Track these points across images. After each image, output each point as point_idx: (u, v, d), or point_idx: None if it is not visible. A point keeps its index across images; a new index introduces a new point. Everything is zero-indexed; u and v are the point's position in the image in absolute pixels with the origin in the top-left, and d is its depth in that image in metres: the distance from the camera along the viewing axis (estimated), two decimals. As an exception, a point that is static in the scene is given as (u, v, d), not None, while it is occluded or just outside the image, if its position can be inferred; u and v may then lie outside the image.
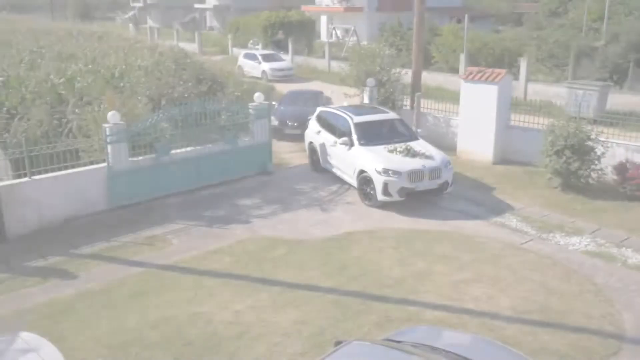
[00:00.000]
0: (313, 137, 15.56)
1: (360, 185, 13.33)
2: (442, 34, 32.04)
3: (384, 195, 12.64)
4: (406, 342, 6.07)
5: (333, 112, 15.29)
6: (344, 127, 14.36)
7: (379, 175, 12.64)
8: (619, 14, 32.94)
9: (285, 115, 19.25)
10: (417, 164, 12.80)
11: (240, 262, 10.46)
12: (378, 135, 14.12)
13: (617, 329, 8.26)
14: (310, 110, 18.99)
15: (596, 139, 13.52)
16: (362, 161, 13.25)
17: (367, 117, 14.60)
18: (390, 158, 12.99)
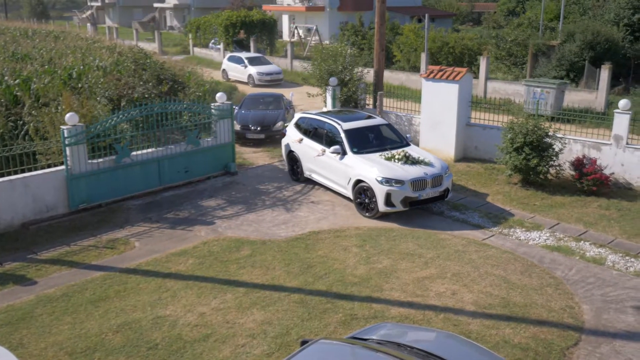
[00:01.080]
0: (294, 145, 14.65)
1: (356, 196, 12.62)
2: (403, 33, 32.35)
3: (386, 206, 11.99)
4: (372, 340, 6.11)
5: (316, 118, 14.41)
6: (331, 134, 13.64)
7: (380, 185, 11.95)
8: (574, 13, 33.80)
9: (247, 119, 18.60)
10: (419, 171, 12.26)
11: (204, 263, 10.36)
12: (370, 142, 13.53)
13: (577, 321, 8.48)
14: (272, 114, 18.86)
15: (554, 135, 13.84)
16: (358, 170, 12.52)
17: (356, 123, 13.83)
18: (389, 166, 12.35)
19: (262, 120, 18.43)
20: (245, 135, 18.27)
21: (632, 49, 26.54)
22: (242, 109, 19.31)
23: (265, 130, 18.27)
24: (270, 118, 18.62)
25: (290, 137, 14.93)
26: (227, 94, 17.52)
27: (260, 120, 18.47)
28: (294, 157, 14.72)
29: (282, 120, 18.46)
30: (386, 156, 12.75)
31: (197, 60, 36.65)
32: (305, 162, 14.29)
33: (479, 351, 6.35)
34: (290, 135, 14.94)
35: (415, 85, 26.21)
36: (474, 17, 62.23)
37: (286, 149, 15.08)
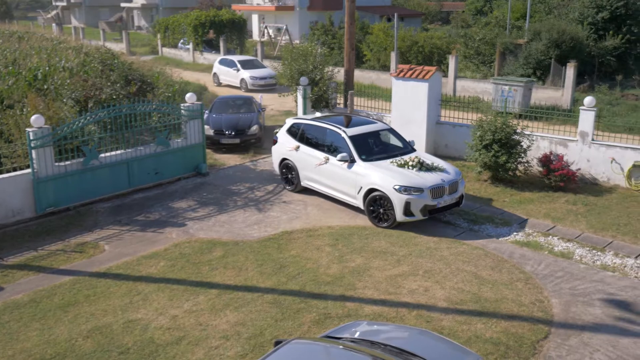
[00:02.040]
0: (289, 153, 13.81)
1: (369, 206, 11.97)
2: (373, 33, 32.51)
3: (405, 216, 11.45)
4: (346, 338, 6.13)
5: (315, 124, 13.60)
6: (334, 141, 12.95)
7: (398, 194, 11.39)
8: (540, 12, 34.36)
9: (221, 123, 17.78)
10: (436, 178, 11.79)
11: (176, 265, 10.26)
12: (377, 149, 12.96)
13: (546, 315, 8.62)
14: (246, 117, 18.21)
15: (522, 132, 14.05)
16: (371, 179, 11.87)
17: (360, 128, 13.14)
18: (405, 174, 11.79)
19: (236, 125, 17.73)
20: (220, 140, 17.51)
21: (596, 47, 27.11)
22: (212, 113, 18.52)
23: (240, 134, 17.57)
24: (244, 122, 18.03)
25: (283, 144, 14.08)
26: (197, 95, 17.39)
27: (234, 124, 17.76)
28: (289, 166, 13.90)
29: (256, 124, 17.87)
30: (398, 163, 12.20)
31: (166, 61, 36.33)
32: (304, 170, 13.51)
33: (452, 347, 6.42)
34: (284, 142, 14.08)
35: (385, 84, 26.37)
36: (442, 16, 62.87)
37: (279, 157, 14.20)
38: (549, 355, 7.69)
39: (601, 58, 27.20)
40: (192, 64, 38.21)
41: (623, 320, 8.46)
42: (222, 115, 18.35)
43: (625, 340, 7.99)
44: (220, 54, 37.11)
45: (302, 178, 13.65)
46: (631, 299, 9.03)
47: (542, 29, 26.82)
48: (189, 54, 39.78)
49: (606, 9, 28.23)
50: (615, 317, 8.56)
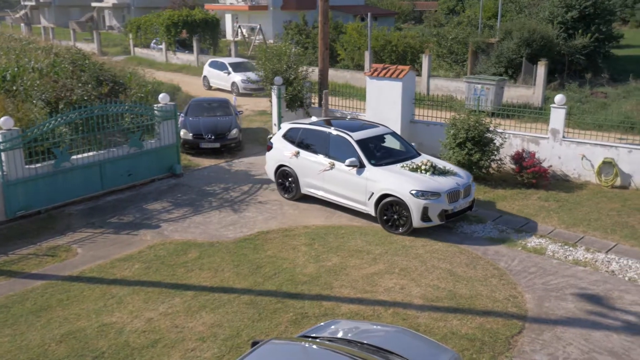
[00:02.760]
0: (287, 160, 13.26)
1: (381, 212, 11.61)
2: (346, 32, 32.59)
3: (422, 221, 11.16)
4: (323, 337, 6.13)
5: (315, 129, 13.11)
6: (339, 146, 12.49)
7: (416, 199, 11.07)
8: (511, 11, 34.85)
9: (199, 127, 17.25)
10: (451, 182, 11.53)
11: (151, 268, 10.15)
12: (384, 153, 12.61)
13: (520, 310, 8.74)
14: (225, 120, 17.71)
15: (495, 130, 14.21)
16: (384, 184, 11.51)
17: (366, 132, 12.75)
18: (420, 178, 11.50)
19: (215, 129, 17.22)
20: (200, 144, 17.03)
21: (566, 46, 27.54)
22: (189, 116, 17.96)
23: (221, 138, 17.09)
24: (223, 125, 17.45)
25: (279, 150, 13.48)
26: (170, 95, 17.23)
27: (213, 128, 17.25)
28: (287, 173, 13.34)
29: (236, 128, 17.50)
30: (410, 167, 11.87)
31: (139, 61, 35.96)
32: (305, 177, 12.99)
33: (428, 343, 6.47)
34: (280, 148, 13.49)
35: (359, 83, 26.45)
36: (415, 15, 63.31)
37: (275, 164, 13.61)
38: (523, 349, 7.79)
39: (571, 57, 27.66)
40: (165, 64, 37.87)
41: (595, 314, 8.62)
42: (199, 118, 17.82)
43: (597, 333, 8.14)
44: (193, 54, 36.87)
45: (303, 185, 13.10)
46: (602, 293, 9.20)
47: (513, 28, 27.18)
48: (161, 54, 39.41)
49: (575, 8, 28.70)
50: (587, 311, 8.71)
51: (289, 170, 13.29)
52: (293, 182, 13.29)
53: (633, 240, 11.12)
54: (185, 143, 16.90)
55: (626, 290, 9.30)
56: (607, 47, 30.42)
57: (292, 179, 13.30)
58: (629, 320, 8.45)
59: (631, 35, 46.13)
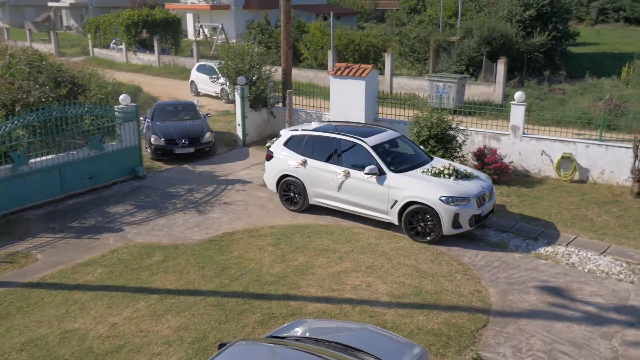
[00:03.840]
0: (292, 169, 12.50)
1: (406, 221, 11.12)
2: (309, 31, 32.59)
3: (453, 228, 10.77)
4: (290, 337, 6.13)
5: (323, 135, 12.39)
6: (352, 153, 11.89)
7: (446, 206, 10.64)
8: (471, 10, 35.37)
9: (170, 132, 16.52)
10: (477, 186, 11.17)
11: (114, 272, 9.97)
12: (400, 158, 12.05)
13: (484, 304, 8.88)
14: (196, 124, 17.15)
15: (457, 128, 14.41)
16: (409, 191, 11.00)
17: (378, 137, 12.13)
18: (447, 183, 11.04)
19: (188, 133, 16.58)
20: (173, 150, 16.29)
21: (525, 44, 28.10)
22: (155, 121, 17.18)
23: (195, 143, 16.45)
24: (196, 129, 16.86)
25: (282, 159, 12.74)
26: (132, 96, 16.96)
27: (186, 133, 16.59)
28: (293, 183, 12.60)
29: (209, 131, 16.96)
30: (433, 172, 11.37)
31: (98, 62, 35.28)
32: (315, 187, 12.28)
33: (395, 340, 6.52)
34: (282, 157, 12.75)
35: (323, 82, 26.49)
36: (377, 14, 63.71)
37: (277, 174, 12.83)
38: (488, 342, 7.92)
39: (529, 54, 28.23)
40: (126, 64, 37.27)
41: (556, 306, 8.82)
42: (167, 122, 17.14)
43: (558, 324, 8.33)
44: (154, 54, 36.37)
45: (312, 196, 12.40)
46: (563, 285, 9.42)
47: (473, 26, 27.59)
48: (122, 55, 38.77)
49: (533, 7, 29.31)
50: (549, 303, 8.90)
51: (295, 180, 12.52)
52: (299, 192, 12.53)
53: (591, 233, 11.41)
54: (158, 149, 16.25)
55: (585, 282, 9.54)
56: (564, 45, 31.15)
57: (298, 189, 12.54)
58: (589, 311, 8.67)
59: (587, 33, 47.39)
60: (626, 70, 26.65)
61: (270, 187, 13.18)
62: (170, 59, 36.06)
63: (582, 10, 60.06)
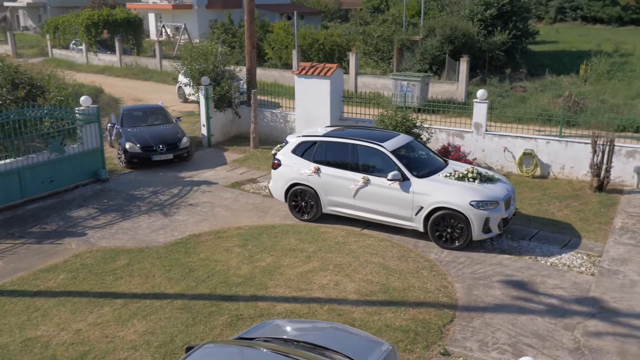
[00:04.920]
0: (304, 177, 11.90)
1: (432, 227, 10.79)
2: (273, 31, 32.51)
3: (483, 233, 10.53)
4: (259, 338, 6.09)
5: (336, 141, 11.84)
6: (370, 159, 11.45)
7: (477, 210, 10.37)
8: (433, 9, 35.76)
9: (146, 138, 15.75)
10: (502, 189, 10.96)
11: (77, 277, 9.77)
12: (420, 163, 11.67)
13: (451, 300, 8.99)
14: (170, 129, 16.45)
15: (421, 126, 14.55)
16: (436, 197, 10.65)
17: (395, 141, 11.66)
18: (475, 187, 10.76)
19: (164, 139, 15.86)
20: (152, 157, 15.53)
21: (486, 43, 28.55)
22: (126, 127, 16.34)
23: (172, 149, 15.73)
24: (172, 135, 16.17)
25: (291, 167, 12.10)
26: (93, 98, 16.65)
27: (162, 138, 15.87)
28: (304, 192, 12.00)
29: (185, 136, 16.28)
30: (456, 176, 11.04)
31: (57, 63, 34.53)
32: (330, 195, 11.74)
33: (364, 338, 6.55)
34: (291, 164, 12.11)
35: (288, 82, 26.45)
36: (341, 14, 63.94)
37: (286, 183, 12.18)
38: (455, 337, 8.02)
39: (491, 53, 28.69)
40: (86, 65, 36.60)
41: (520, 299, 8.98)
42: (139, 128, 16.34)
43: (523, 317, 8.49)
44: (116, 54, 35.80)
45: (326, 204, 11.85)
46: (527, 279, 9.60)
47: (436, 25, 27.90)
48: (82, 55, 38.05)
49: (494, 6, 29.81)
50: (513, 296, 9.07)
51: (307, 189, 11.93)
52: (312, 201, 11.96)
53: (553, 227, 11.66)
54: (134, 157, 15.47)
55: (548, 275, 9.74)
56: (525, 43, 31.78)
57: (310, 198, 11.97)
58: (552, 304, 8.85)
59: (546, 31, 48.43)
60: (584, 68, 27.33)
61: (278, 196, 12.53)
62: (132, 60, 35.54)
63: (542, 9, 61.38)
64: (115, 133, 16.60)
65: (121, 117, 16.91)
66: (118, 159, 16.02)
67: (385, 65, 29.91)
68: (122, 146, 15.71)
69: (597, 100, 21.85)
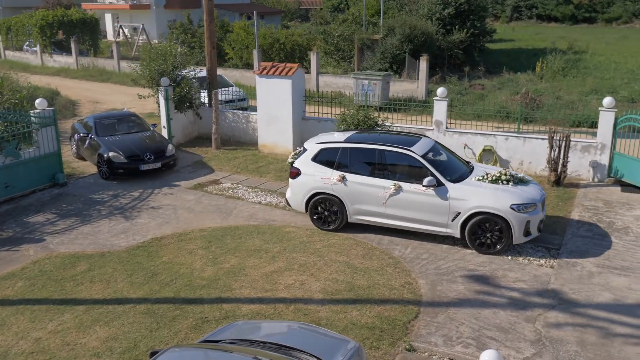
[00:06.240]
0: (328, 187, 11.39)
1: (470, 233, 10.50)
2: (233, 31, 32.30)
3: (524, 236, 10.37)
4: (224, 341, 6.05)
5: (359, 147, 11.38)
6: (400, 164, 11.09)
7: (518, 214, 10.19)
8: (393, 8, 36.06)
9: (130, 147, 14.91)
10: (537, 190, 10.87)
11: (36, 284, 9.52)
12: (450, 167, 11.27)
13: (415, 296, 9.09)
14: (151, 136, 15.77)
15: (383, 124, 14.66)
16: (475, 202, 10.37)
17: (423, 145, 11.30)
18: (511, 190, 10.56)
19: (149, 147, 15.10)
20: (139, 167, 14.70)
21: (445, 41, 28.95)
22: (103, 136, 15.39)
23: (160, 157, 14.98)
24: (156, 142, 15.45)
25: (312, 176, 11.56)
26: (49, 100, 16.25)
27: (147, 146, 15.13)
28: (326, 201, 11.50)
29: (169, 143, 15.76)
30: (489, 179, 10.85)
31: (10, 65, 33.64)
32: (357, 204, 11.27)
33: (329, 336, 6.57)
34: (313, 173, 11.57)
35: (249, 82, 26.32)
36: (301, 13, 63.98)
37: (307, 193, 11.63)
38: (420, 333, 8.11)
39: (450, 51, 29.11)
40: (41, 67, 35.71)
41: (483, 293, 9.14)
42: (118, 137, 15.44)
43: (486, 311, 8.64)
44: (72, 55, 35.02)
45: (353, 213, 11.37)
46: (489, 273, 9.78)
47: (395, 24, 28.15)
48: (36, 57, 37.11)
49: (451, 5, 30.25)
50: (476, 291, 9.22)
51: (331, 197, 11.43)
52: (336, 210, 11.47)
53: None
54: (120, 168, 14.58)
55: (509, 268, 9.94)
56: (482, 42, 32.38)
57: (333, 207, 11.48)
58: (514, 297, 9.04)
59: (502, 30, 49.42)
60: (540, 65, 27.99)
61: (297, 207, 11.98)
62: (89, 61, 34.83)
63: (498, 8, 62.63)
64: (89, 143, 15.50)
65: (94, 126, 15.83)
66: (98, 170, 15.02)
67: (346, 65, 30.03)
68: (104, 156, 14.67)
69: (553, 96, 22.39)
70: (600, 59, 32.31)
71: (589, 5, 60.56)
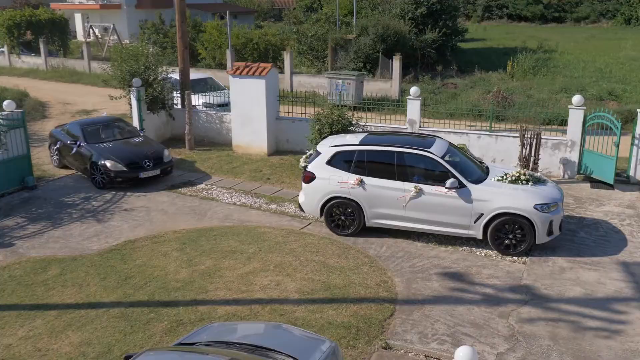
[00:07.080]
0: (346, 191, 11.12)
1: (493, 234, 10.45)
2: (206, 31, 32.07)
3: (547, 236, 10.37)
4: (200, 343, 6.00)
5: (376, 149, 11.19)
6: (418, 166, 10.93)
7: (542, 213, 10.18)
8: (365, 8, 36.21)
9: (127, 155, 14.32)
10: (556, 189, 10.91)
11: (5, 290, 9.33)
12: (469, 168, 11.13)
13: (391, 294, 9.13)
14: (144, 142, 15.26)
15: (357, 124, 14.68)
16: (499, 203, 10.32)
17: (440, 146, 11.18)
18: (532, 190, 10.55)
19: (146, 153, 14.51)
20: (139, 175, 14.14)
21: (418, 41, 29.14)
22: (93, 143, 14.64)
23: (159, 164, 14.49)
24: (153, 149, 14.88)
25: (328, 180, 11.27)
26: (17, 102, 15.95)
27: (144, 153, 14.52)
28: (342, 205, 11.26)
29: (165, 148, 15.31)
30: (509, 179, 10.81)
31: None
32: (375, 208, 11.05)
33: (306, 336, 6.57)
34: (329, 177, 11.27)
35: (223, 82, 26.10)
36: (275, 13, 63.82)
37: (323, 197, 11.34)
38: (396, 331, 8.15)
39: (423, 50, 29.31)
40: (9, 68, 35.03)
41: (457, 290, 9.23)
42: (112, 144, 14.81)
43: (460, 308, 8.72)
44: (41, 56, 34.42)
45: (371, 217, 11.16)
46: (463, 270, 9.87)
47: (368, 24, 28.25)
48: (4, 58, 36.39)
49: (424, 4, 30.47)
50: (450, 288, 9.30)
51: (349, 202, 11.19)
52: (353, 214, 11.25)
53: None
54: (118, 176, 13.95)
55: (483, 265, 10.05)
56: (454, 41, 32.65)
57: (349, 210, 11.25)
58: (487, 293, 9.14)
59: (474, 29, 49.94)
60: (511, 64, 28.35)
61: (312, 212, 11.71)
62: (59, 62, 34.27)
63: (469, 8, 63.31)
64: (77, 151, 14.69)
65: (82, 133, 14.99)
66: (91, 180, 14.30)
67: (320, 64, 30.04)
68: (98, 165, 14.05)
69: (524, 95, 22.71)
70: (569, 58, 32.88)
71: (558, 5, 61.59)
